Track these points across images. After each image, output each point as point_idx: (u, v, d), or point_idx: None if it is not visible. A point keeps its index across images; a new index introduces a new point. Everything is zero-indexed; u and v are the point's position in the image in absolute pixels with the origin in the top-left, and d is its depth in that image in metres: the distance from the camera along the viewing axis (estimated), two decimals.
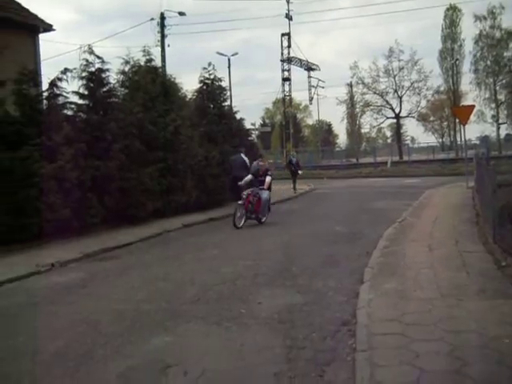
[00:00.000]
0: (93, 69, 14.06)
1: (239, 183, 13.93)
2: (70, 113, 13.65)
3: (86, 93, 14.04)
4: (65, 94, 13.19)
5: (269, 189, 13.97)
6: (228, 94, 22.64)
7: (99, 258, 10.08)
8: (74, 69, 13.52)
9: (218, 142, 19.05)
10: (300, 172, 25.44)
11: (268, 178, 13.94)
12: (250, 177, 14.03)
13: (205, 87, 20.50)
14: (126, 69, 17.03)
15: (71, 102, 13.60)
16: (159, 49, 33.73)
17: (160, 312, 6.15)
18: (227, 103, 22.23)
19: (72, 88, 13.69)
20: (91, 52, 14.05)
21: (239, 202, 13.27)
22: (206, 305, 6.41)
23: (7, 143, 11.14)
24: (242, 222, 13.20)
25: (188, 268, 8.74)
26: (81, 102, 14.00)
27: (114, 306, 6.49)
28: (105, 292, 7.38)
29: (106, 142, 13.33)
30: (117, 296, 7.09)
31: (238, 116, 22.40)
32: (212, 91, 20.49)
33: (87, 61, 13.99)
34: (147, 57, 17.52)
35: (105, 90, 14.37)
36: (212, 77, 20.48)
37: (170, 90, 17.63)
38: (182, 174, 15.99)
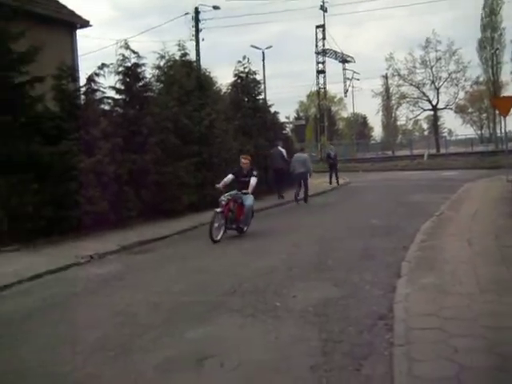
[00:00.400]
0: (129, 64, 14.23)
1: (216, 185, 11.46)
2: (107, 107, 13.88)
3: (123, 87, 14.23)
4: (102, 88, 13.41)
5: (253, 193, 11.53)
6: (262, 87, 22.66)
7: (136, 250, 10.24)
8: (111, 64, 13.74)
9: (252, 136, 19.11)
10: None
11: (253, 180, 11.33)
12: (230, 177, 11.53)
13: (239, 81, 20.54)
14: (162, 63, 17.22)
15: (108, 97, 13.81)
16: (194, 43, 33.85)
17: (196, 304, 6.21)
18: (261, 96, 22.25)
19: (109, 83, 13.93)
20: (127, 47, 14.22)
21: (217, 210, 10.71)
22: (241, 297, 6.43)
23: (47, 138, 11.38)
24: (221, 233, 10.68)
25: (223, 261, 8.81)
26: (117, 96, 14.20)
27: (150, 298, 6.58)
28: (142, 284, 7.49)
29: (142, 136, 13.49)
30: (153, 288, 7.19)
31: (272, 109, 22.39)
32: (246, 85, 20.51)
33: (123, 56, 14.17)
34: (182, 51, 17.68)
35: (141, 84, 14.53)
36: (246, 70, 20.51)
37: (204, 83, 17.74)
38: (216, 168, 16.07)
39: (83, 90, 13.11)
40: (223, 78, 48.25)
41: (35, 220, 10.48)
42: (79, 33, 17.44)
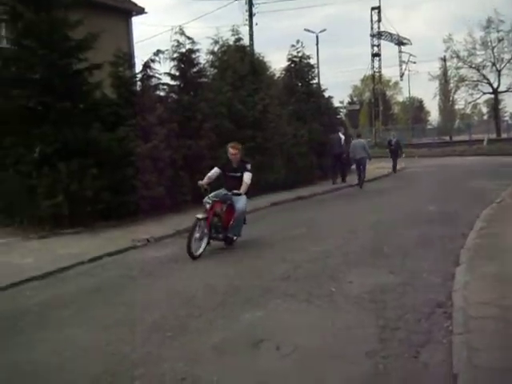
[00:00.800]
0: (183, 50, 14.37)
1: (199, 182, 8.66)
2: (162, 94, 14.08)
3: (178, 74, 14.40)
4: (157, 75, 13.61)
5: (246, 193, 8.83)
6: (316, 71, 22.50)
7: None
8: (166, 50, 13.91)
9: (306, 121, 19.03)
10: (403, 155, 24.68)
11: (247, 176, 8.75)
12: (215, 171, 8.91)
13: (293, 65, 20.46)
14: (216, 49, 17.31)
15: (163, 83, 14.01)
16: (247, 28, 33.69)
17: (251, 288, 6.24)
18: (315, 81, 22.11)
19: (164, 69, 14.13)
20: (182, 33, 14.36)
21: (198, 216, 8.19)
22: (296, 282, 6.43)
23: (105, 124, 11.65)
24: (202, 246, 8.23)
25: (277, 246, 8.81)
26: (172, 82, 14.38)
27: (206, 281, 6.67)
28: (197, 267, 7.59)
29: (197, 121, 13.63)
30: (209, 271, 7.29)
31: (326, 94, 22.18)
32: (300, 69, 20.40)
33: (178, 42, 14.33)
34: (236, 36, 17.70)
35: (195, 70, 14.66)
36: (300, 54, 20.39)
37: (258, 68, 17.73)
38: (270, 153, 16.09)
39: (139, 76, 13.35)
40: (276, 62, 48.05)
41: (94, 204, 10.80)
42: (135, 20, 17.78)
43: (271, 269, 7.20)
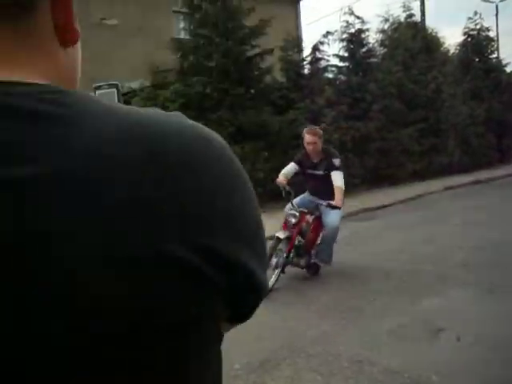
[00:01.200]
0: (353, 30, 14.21)
1: (277, 180, 6.10)
2: (330, 76, 14.10)
3: (346, 55, 14.28)
4: (326, 57, 13.65)
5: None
6: (496, 45, 20.76)
7: (359, 217, 10.31)
8: (335, 31, 13.86)
9: (483, 99, 17.71)
10: None
11: (338, 178, 5.86)
12: (291, 167, 6.27)
13: (469, 39, 19.13)
14: (386, 27, 16.84)
15: (332, 65, 14.01)
16: (418, 2, 32.22)
17: (426, 274, 6.01)
18: (495, 55, 20.41)
19: (332, 51, 14.12)
20: (351, 13, 14.19)
21: (279, 236, 5.89)
22: (475, 271, 6.03)
23: (275, 107, 11.99)
24: (273, 278, 5.66)
25: (453, 232, 8.36)
26: (341, 64, 14.31)
27: (378, 265, 6.55)
28: (369, 250, 7.49)
29: (366, 103, 13.43)
30: (380, 256, 7.14)
31: (507, 69, 20.42)
32: (478, 43, 19.02)
33: (347, 22, 14.18)
34: (407, 12, 17.04)
35: (364, 50, 14.44)
36: (478, 27, 18.97)
37: (431, 45, 16.96)
38: (443, 134, 15.31)
39: (308, 59, 13.48)
40: (448, 38, 45.19)
41: (266, 185, 11.17)
42: (303, 3, 17.96)
43: (446, 255, 6.85)
